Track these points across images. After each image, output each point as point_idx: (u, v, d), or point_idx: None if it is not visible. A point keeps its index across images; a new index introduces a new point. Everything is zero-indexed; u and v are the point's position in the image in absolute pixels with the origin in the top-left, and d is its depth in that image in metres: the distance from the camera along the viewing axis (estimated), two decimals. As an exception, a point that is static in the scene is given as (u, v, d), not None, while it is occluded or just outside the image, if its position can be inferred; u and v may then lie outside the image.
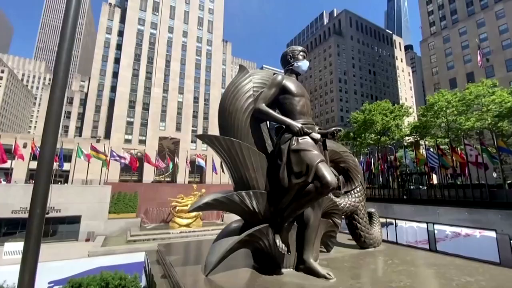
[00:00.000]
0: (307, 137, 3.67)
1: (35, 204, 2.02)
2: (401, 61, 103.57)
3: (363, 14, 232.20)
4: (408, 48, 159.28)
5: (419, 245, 22.00)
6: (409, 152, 33.58)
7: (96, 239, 26.02)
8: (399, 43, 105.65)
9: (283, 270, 3.69)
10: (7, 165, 27.27)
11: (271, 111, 3.82)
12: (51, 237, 26.05)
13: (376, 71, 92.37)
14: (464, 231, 19.91)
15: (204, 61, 65.63)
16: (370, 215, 5.83)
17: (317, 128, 4.07)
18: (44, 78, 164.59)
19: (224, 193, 3.65)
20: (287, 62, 4.38)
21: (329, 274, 3.51)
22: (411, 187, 32.78)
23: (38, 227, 2.04)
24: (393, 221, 24.65)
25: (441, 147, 27.77)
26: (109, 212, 29.35)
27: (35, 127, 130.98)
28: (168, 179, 51.58)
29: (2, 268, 16.04)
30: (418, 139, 41.89)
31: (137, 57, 58.92)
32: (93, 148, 29.47)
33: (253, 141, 3.88)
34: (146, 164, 40.27)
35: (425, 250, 20.48)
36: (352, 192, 5.36)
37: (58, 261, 19.53)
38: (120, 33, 59.81)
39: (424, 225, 21.73)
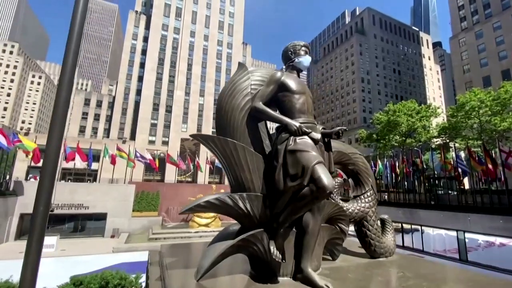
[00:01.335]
0: (306, 137, 3.45)
1: (39, 202, 2.09)
2: (429, 59, 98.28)
3: (387, 12, 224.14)
4: (437, 45, 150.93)
5: (448, 254, 20.66)
6: (437, 155, 31.71)
7: (120, 235, 27.16)
8: (427, 40, 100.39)
9: (280, 278, 3.49)
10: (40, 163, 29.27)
11: (268, 109, 3.64)
12: (80, 233, 27.63)
13: (401, 70, 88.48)
14: (498, 240, 18.38)
15: (225, 64, 66.69)
16: (382, 222, 5.41)
17: (320, 127, 3.84)
18: (77, 83, 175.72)
19: (217, 195, 3.53)
20: (288, 58, 4.14)
21: (328, 286, 3.25)
22: (440, 192, 30.86)
23: (42, 225, 2.10)
24: (419, 227, 23.37)
25: (473, 149, 25.90)
26: (133, 210, 30.55)
27: (68, 129, 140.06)
28: (189, 179, 52.80)
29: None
30: (447, 141, 39.43)
31: (161, 61, 61.16)
32: (118, 149, 30.92)
33: (250, 141, 3.73)
34: (168, 165, 41.53)
35: (454, 260, 19.22)
36: (362, 196, 5.00)
37: (85, 255, 20.66)
38: (145, 39, 62.49)
39: (453, 233, 20.37)
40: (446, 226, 20.92)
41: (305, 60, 4.04)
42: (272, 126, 3.74)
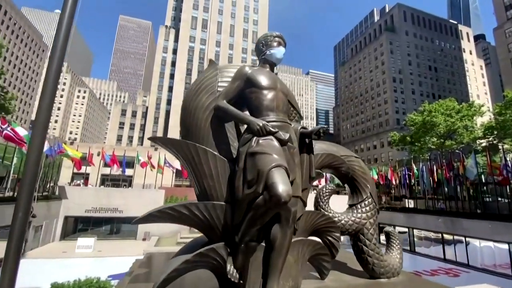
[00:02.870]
0: (271, 137, 3.01)
1: (18, 207, 2.10)
2: (470, 53, 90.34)
3: (419, 7, 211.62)
4: (479, 38, 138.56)
5: (499, 269, 18.31)
6: (482, 158, 28.60)
7: (151, 239, 28.32)
8: (467, 33, 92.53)
9: None
10: (83, 170, 31.89)
11: (230, 107, 3.24)
12: (115, 235, 29.35)
13: (438, 67, 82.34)
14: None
15: (249, 71, 67.87)
16: (387, 236, 4.65)
17: (299, 127, 3.40)
18: (116, 96, 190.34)
19: (173, 204, 3.14)
20: (259, 51, 3.71)
21: None
22: (487, 199, 27.66)
23: (20, 231, 2.10)
24: (462, 238, 21.07)
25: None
26: (163, 215, 31.77)
27: (106, 137, 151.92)
28: (216, 185, 53.79)
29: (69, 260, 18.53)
30: (495, 141, 35.49)
31: (189, 72, 63.89)
32: (148, 157, 32.67)
33: (215, 144, 3.41)
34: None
35: (505, 277, 16.93)
36: (358, 205, 4.31)
37: (119, 256, 21.83)
38: (175, 51, 65.91)
39: (504, 246, 18.02)
40: (495, 237, 18.61)
41: (278, 52, 3.59)
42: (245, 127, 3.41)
